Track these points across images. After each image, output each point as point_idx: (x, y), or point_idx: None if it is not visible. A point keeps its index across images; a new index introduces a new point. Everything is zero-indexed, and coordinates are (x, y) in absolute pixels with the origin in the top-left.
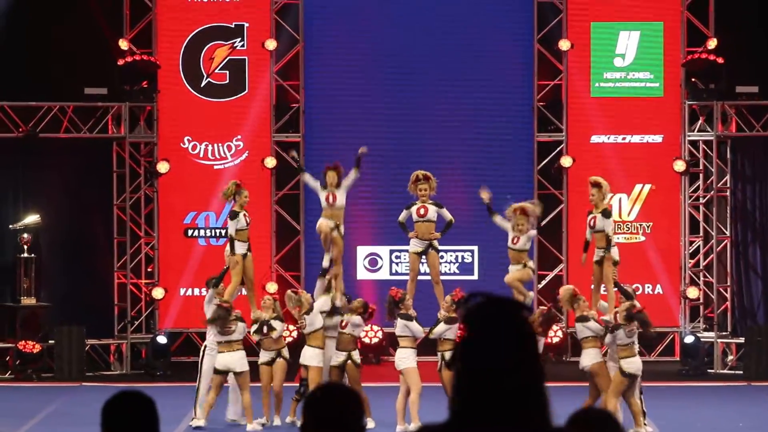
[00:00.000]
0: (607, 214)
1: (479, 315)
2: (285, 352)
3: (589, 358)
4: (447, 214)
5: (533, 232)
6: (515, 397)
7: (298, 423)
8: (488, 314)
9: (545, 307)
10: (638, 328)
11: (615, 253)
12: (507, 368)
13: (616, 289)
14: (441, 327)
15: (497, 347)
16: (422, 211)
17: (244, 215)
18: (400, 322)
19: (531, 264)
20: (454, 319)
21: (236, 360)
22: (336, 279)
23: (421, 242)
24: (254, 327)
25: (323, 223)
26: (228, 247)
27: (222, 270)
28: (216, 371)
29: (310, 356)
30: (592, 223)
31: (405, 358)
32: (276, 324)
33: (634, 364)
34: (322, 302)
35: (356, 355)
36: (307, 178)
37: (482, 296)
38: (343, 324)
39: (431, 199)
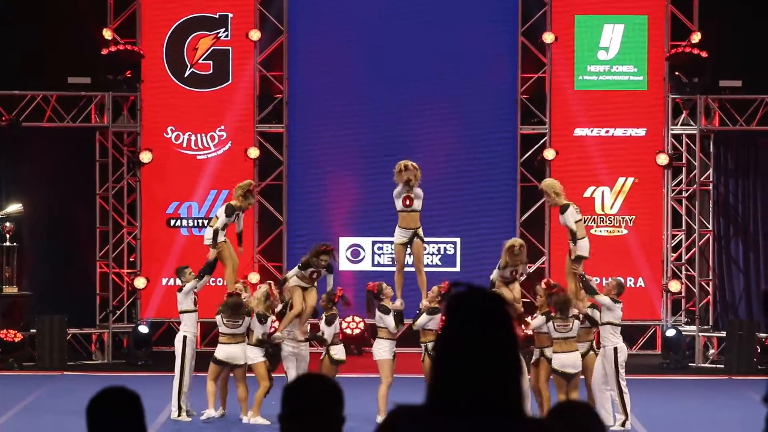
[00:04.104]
0: (562, 210)
1: (460, 304)
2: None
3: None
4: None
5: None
6: (491, 386)
7: (255, 420)
8: (469, 303)
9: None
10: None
11: (578, 247)
12: (484, 357)
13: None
14: (423, 318)
15: (476, 336)
16: (408, 202)
17: (238, 216)
18: (377, 313)
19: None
20: (437, 309)
21: (238, 352)
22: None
23: (406, 231)
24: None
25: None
26: (211, 239)
27: (210, 262)
28: (216, 361)
29: (249, 355)
30: None
31: (380, 350)
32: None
33: (559, 360)
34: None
35: (334, 350)
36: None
37: (464, 286)
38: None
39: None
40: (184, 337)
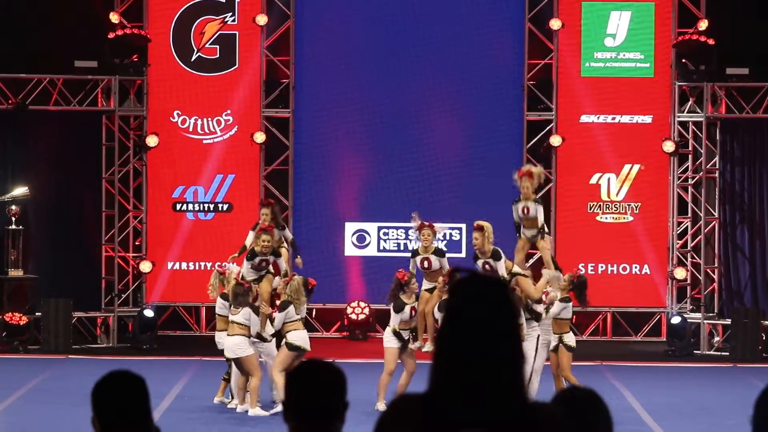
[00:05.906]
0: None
1: (462, 290)
2: (290, 335)
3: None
4: (446, 264)
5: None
6: (493, 374)
7: (229, 402)
8: (471, 290)
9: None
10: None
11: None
12: (487, 345)
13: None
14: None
15: (478, 323)
16: (426, 264)
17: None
18: (391, 308)
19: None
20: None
21: (230, 345)
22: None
23: (429, 284)
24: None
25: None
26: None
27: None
28: (223, 354)
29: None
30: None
31: (388, 338)
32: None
33: None
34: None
35: (291, 336)
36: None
37: (466, 272)
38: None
39: (435, 242)
40: None
